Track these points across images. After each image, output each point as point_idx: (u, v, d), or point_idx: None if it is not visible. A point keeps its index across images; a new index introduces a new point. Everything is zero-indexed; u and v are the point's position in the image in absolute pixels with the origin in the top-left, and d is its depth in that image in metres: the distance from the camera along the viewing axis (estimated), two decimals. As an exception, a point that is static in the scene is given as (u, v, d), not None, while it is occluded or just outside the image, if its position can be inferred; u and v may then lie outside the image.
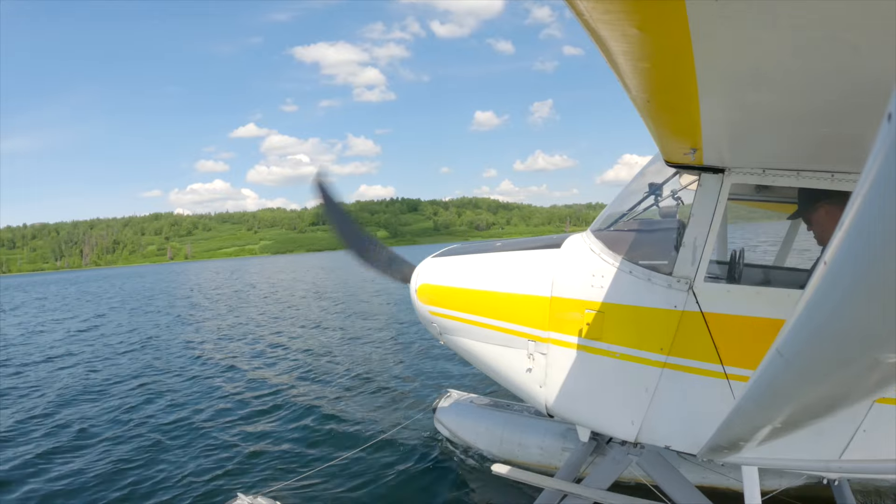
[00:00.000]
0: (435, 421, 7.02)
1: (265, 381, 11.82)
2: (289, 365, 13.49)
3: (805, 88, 2.07)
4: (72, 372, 14.04)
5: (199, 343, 17.63)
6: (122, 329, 22.54)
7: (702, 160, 3.35)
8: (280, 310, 26.45)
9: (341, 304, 26.91)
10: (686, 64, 1.84)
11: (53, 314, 32.21)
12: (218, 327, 21.40)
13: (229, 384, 11.85)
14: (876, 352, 1.13)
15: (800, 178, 3.36)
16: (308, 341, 16.77)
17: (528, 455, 5.78)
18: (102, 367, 14.48)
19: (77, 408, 10.65)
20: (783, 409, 1.91)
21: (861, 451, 3.28)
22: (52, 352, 17.52)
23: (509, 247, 4.48)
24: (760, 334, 3.28)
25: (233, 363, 13.90)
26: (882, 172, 0.79)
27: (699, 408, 3.53)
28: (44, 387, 12.54)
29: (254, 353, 15.37)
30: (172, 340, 18.55)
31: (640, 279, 3.66)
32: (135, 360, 15.25)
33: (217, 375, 12.77)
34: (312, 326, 19.89)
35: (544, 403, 4.09)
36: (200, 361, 14.48)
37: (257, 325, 21.34)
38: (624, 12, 1.53)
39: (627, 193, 4.30)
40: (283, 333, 18.57)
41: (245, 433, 8.63)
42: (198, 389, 11.59)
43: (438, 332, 4.67)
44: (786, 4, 1.41)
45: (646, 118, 2.72)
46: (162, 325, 22.99)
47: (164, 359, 15.09)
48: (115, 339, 19.73)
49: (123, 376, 13.08)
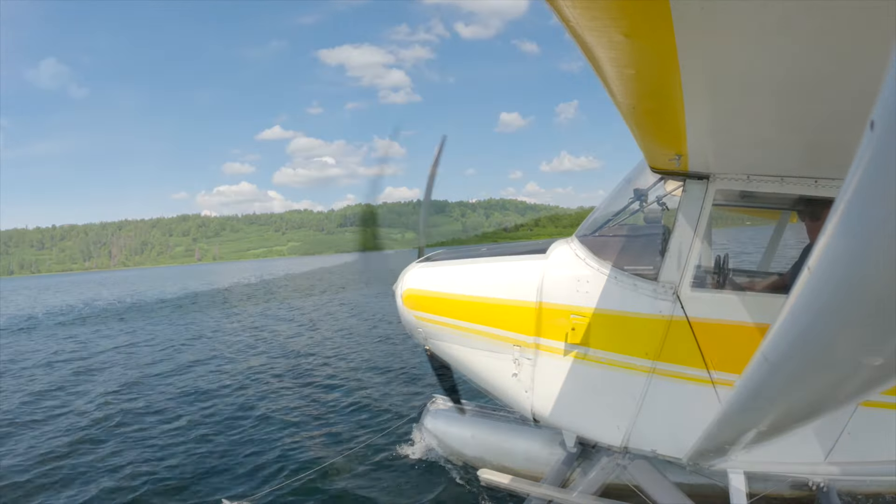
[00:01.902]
0: (421, 428, 6.98)
1: (244, 387, 11.69)
2: (276, 368, 13.36)
3: (789, 96, 2.10)
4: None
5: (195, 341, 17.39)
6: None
7: (687, 167, 3.37)
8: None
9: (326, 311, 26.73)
10: (671, 71, 1.86)
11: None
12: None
13: (214, 386, 11.70)
14: (859, 355, 1.15)
15: (784, 184, 3.39)
16: (293, 342, 16.64)
17: (514, 462, 5.75)
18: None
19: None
20: (769, 413, 1.92)
21: (846, 453, 3.31)
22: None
23: (496, 253, 4.48)
24: (746, 340, 3.31)
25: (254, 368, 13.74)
26: (864, 178, 0.80)
27: (685, 413, 3.54)
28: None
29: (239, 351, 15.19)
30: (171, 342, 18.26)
31: (626, 285, 3.67)
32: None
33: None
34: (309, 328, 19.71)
35: (530, 409, 4.09)
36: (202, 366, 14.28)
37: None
38: (611, 20, 1.54)
39: (613, 199, 4.32)
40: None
41: (228, 440, 8.52)
42: (179, 392, 11.44)
43: (424, 338, 4.65)
44: (770, 14, 1.43)
45: (631, 125, 2.73)
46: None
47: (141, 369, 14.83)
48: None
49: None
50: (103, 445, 8.61)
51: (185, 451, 8.15)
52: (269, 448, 8.06)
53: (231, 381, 12.27)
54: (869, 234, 0.85)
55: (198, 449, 8.20)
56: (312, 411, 9.59)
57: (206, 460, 7.74)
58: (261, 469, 7.29)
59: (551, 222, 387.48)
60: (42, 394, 12.33)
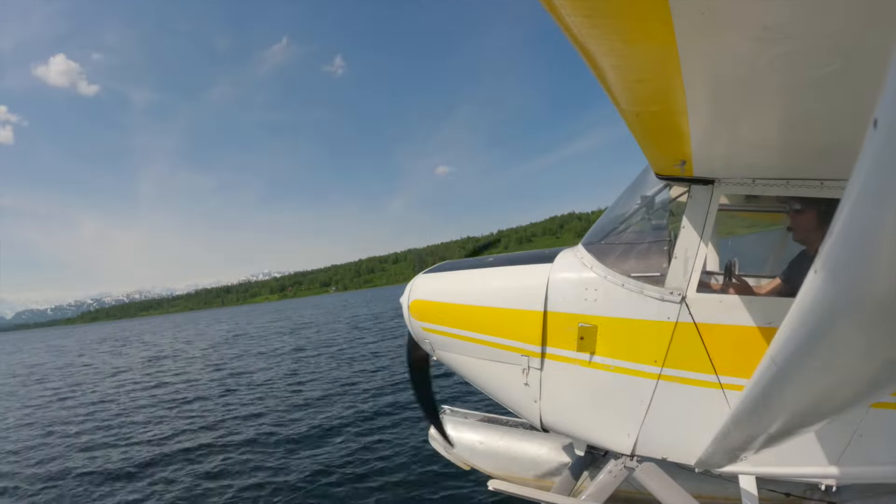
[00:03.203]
0: (430, 438, 6.96)
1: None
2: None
3: (793, 97, 2.10)
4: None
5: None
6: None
7: (691, 171, 3.37)
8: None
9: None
10: (674, 76, 1.86)
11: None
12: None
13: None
14: (868, 356, 1.14)
15: (789, 186, 3.38)
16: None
17: (523, 468, 5.72)
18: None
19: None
20: (778, 417, 1.91)
21: (858, 456, 3.27)
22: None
23: (502, 262, 4.47)
24: (754, 343, 3.29)
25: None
26: (868, 177, 0.81)
27: (695, 419, 3.52)
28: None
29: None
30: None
31: (633, 291, 3.66)
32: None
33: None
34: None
35: (539, 418, 4.07)
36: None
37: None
38: (612, 27, 1.55)
39: (618, 206, 4.31)
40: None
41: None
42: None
43: (431, 349, 4.65)
44: (770, 15, 1.43)
45: (635, 131, 2.74)
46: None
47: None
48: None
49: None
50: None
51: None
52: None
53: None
54: (874, 233, 0.85)
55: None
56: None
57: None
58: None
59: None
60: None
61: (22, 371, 32.71)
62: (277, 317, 63.89)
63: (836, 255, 1.00)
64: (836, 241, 0.97)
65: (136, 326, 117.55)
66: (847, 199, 0.91)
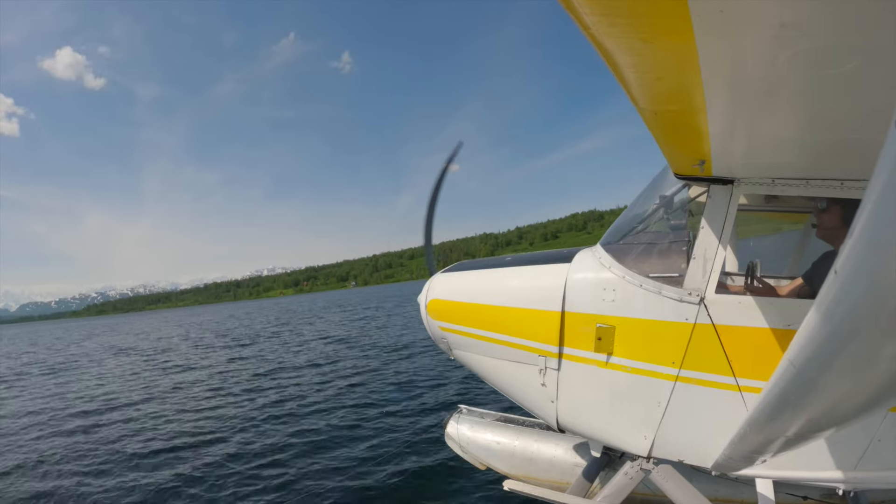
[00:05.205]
0: (446, 437, 6.98)
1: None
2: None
3: (812, 96, 2.07)
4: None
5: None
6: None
7: (710, 171, 3.34)
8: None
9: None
10: (693, 75, 1.85)
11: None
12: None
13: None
14: (888, 360, 1.13)
15: (809, 186, 3.34)
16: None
17: (538, 469, 5.71)
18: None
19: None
20: (796, 420, 1.89)
21: (876, 461, 3.22)
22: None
23: (519, 261, 4.46)
24: (772, 345, 3.25)
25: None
26: (890, 177, 0.80)
27: (712, 421, 3.49)
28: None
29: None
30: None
31: (651, 292, 3.64)
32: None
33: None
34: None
35: (556, 418, 4.06)
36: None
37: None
38: (630, 25, 1.55)
39: (637, 206, 4.28)
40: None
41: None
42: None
43: (448, 348, 4.66)
44: (788, 13, 1.42)
45: (654, 130, 2.72)
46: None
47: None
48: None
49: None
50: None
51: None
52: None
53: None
54: (894, 234, 0.84)
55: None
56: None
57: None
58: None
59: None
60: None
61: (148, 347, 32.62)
62: (345, 315, 54.03)
63: (856, 256, 0.99)
64: (857, 241, 0.96)
65: (175, 315, 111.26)
66: (868, 199, 0.90)
